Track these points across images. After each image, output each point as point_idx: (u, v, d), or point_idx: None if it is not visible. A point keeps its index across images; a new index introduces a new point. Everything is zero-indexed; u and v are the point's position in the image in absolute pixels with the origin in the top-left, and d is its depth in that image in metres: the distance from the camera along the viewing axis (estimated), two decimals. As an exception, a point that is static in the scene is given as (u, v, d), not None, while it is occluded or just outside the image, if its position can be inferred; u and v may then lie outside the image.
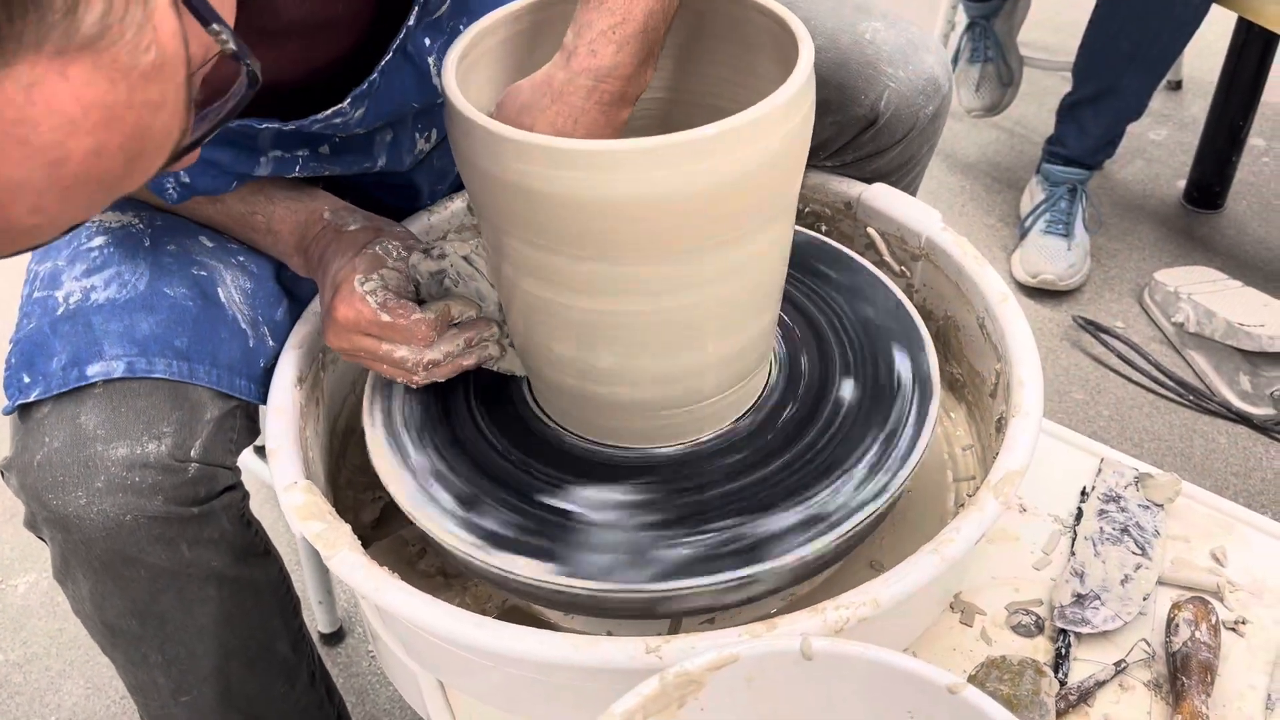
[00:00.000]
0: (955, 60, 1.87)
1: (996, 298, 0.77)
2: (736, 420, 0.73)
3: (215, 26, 0.41)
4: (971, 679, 0.65)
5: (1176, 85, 2.10)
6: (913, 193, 0.99)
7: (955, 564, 0.61)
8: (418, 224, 0.87)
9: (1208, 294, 1.50)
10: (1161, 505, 0.77)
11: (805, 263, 0.83)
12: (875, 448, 0.69)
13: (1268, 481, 1.36)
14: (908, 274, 0.87)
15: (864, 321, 0.78)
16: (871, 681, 0.51)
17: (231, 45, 0.42)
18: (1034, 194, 1.70)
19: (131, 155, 0.40)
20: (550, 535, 0.65)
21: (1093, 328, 1.55)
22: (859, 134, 0.87)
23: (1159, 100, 2.07)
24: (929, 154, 0.95)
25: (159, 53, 0.39)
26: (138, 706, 0.83)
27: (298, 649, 0.85)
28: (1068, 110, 1.62)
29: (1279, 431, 1.40)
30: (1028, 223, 1.67)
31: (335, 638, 1.23)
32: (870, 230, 0.88)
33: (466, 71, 0.64)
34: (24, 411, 0.68)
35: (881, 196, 0.87)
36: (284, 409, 0.73)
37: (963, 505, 0.65)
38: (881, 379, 0.73)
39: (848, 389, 0.73)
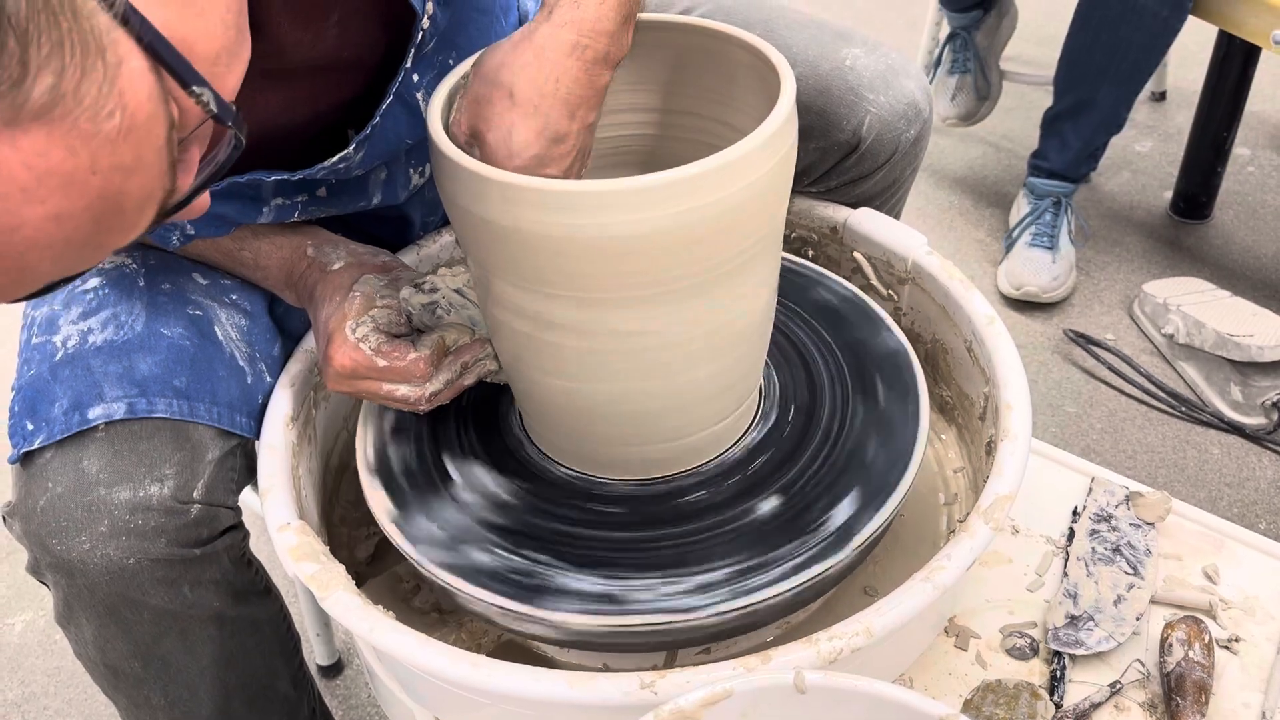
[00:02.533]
0: (936, 68, 1.89)
1: (983, 320, 0.77)
2: (725, 451, 0.73)
3: (196, 89, 0.41)
4: (967, 704, 0.65)
5: (1161, 96, 2.11)
6: (897, 214, 1.00)
7: (947, 591, 0.61)
8: (409, 257, 0.88)
9: (1196, 305, 1.51)
10: (1152, 524, 0.77)
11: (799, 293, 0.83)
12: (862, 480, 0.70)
13: (1261, 491, 1.36)
14: (895, 298, 0.88)
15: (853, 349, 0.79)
16: (866, 713, 0.51)
17: (213, 107, 0.42)
18: (1020, 208, 1.71)
19: (101, 217, 0.40)
20: (536, 570, 0.66)
21: (1083, 340, 1.56)
22: (842, 160, 0.88)
23: (1143, 111, 2.09)
24: (912, 176, 0.95)
25: (126, 117, 0.38)
26: None
27: (298, 686, 0.85)
28: (1049, 124, 1.63)
29: (1271, 441, 1.41)
30: (1013, 236, 1.68)
31: (334, 670, 1.22)
32: (857, 254, 0.89)
33: (451, 111, 0.64)
34: (27, 458, 0.68)
35: (867, 221, 0.88)
36: (276, 447, 0.73)
37: (954, 530, 0.66)
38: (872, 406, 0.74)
39: (832, 420, 0.74)
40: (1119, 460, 1.42)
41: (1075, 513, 0.79)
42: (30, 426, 0.68)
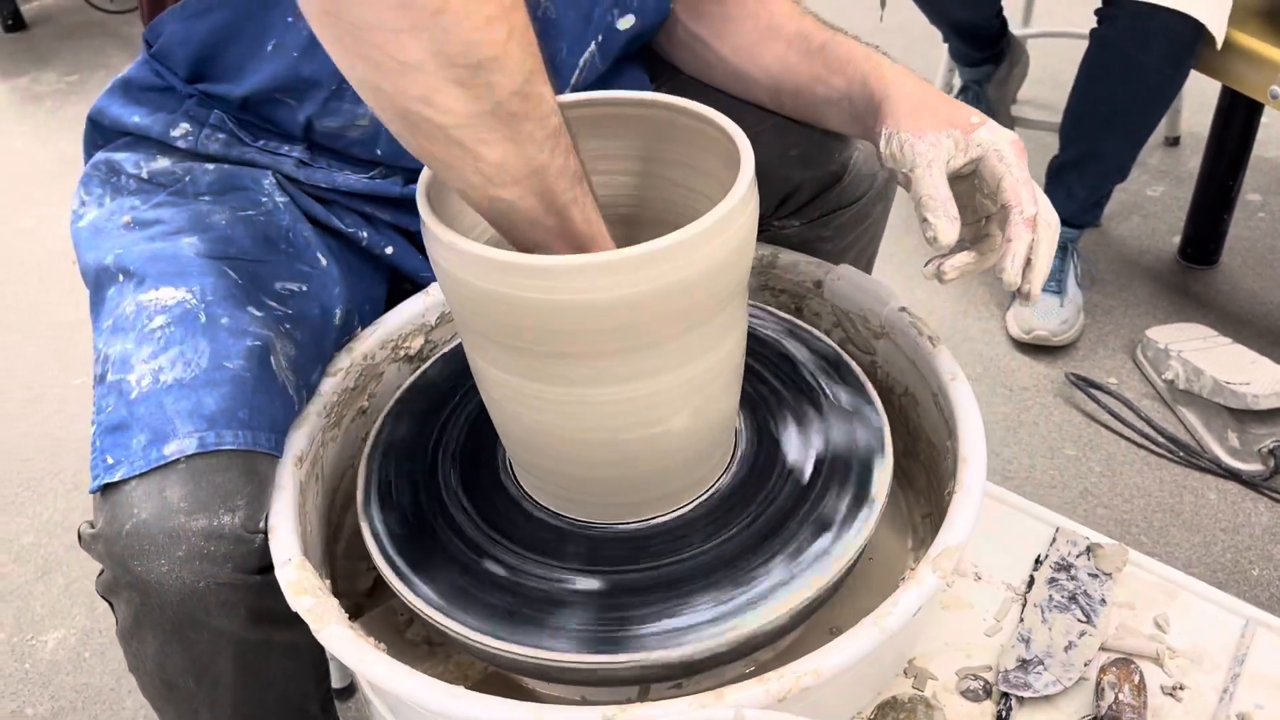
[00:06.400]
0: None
1: (947, 376, 0.81)
2: (698, 498, 0.78)
3: None
4: None
5: (1174, 141, 2.14)
6: (873, 249, 1.11)
7: (894, 635, 0.66)
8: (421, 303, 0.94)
9: (1197, 351, 1.53)
10: (1110, 574, 0.81)
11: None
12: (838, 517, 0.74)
13: (1255, 537, 1.38)
14: (870, 351, 0.92)
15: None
16: (800, 750, 0.55)
17: None
18: (1028, 253, 1.75)
19: None
20: (515, 609, 0.71)
21: (1084, 384, 1.59)
22: (826, 189, 0.96)
23: (1156, 156, 2.11)
24: (884, 214, 1.06)
25: None
26: None
27: (326, 708, 0.91)
28: (1055, 173, 1.67)
29: (1268, 487, 1.43)
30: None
31: (346, 693, 1.28)
32: (835, 309, 0.94)
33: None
34: (109, 488, 0.74)
35: (846, 277, 0.93)
36: (284, 487, 0.78)
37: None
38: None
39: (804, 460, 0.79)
40: (1115, 503, 1.45)
41: (1038, 561, 0.83)
42: (111, 460, 0.74)
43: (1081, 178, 1.63)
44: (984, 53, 1.80)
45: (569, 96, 0.77)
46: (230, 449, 0.74)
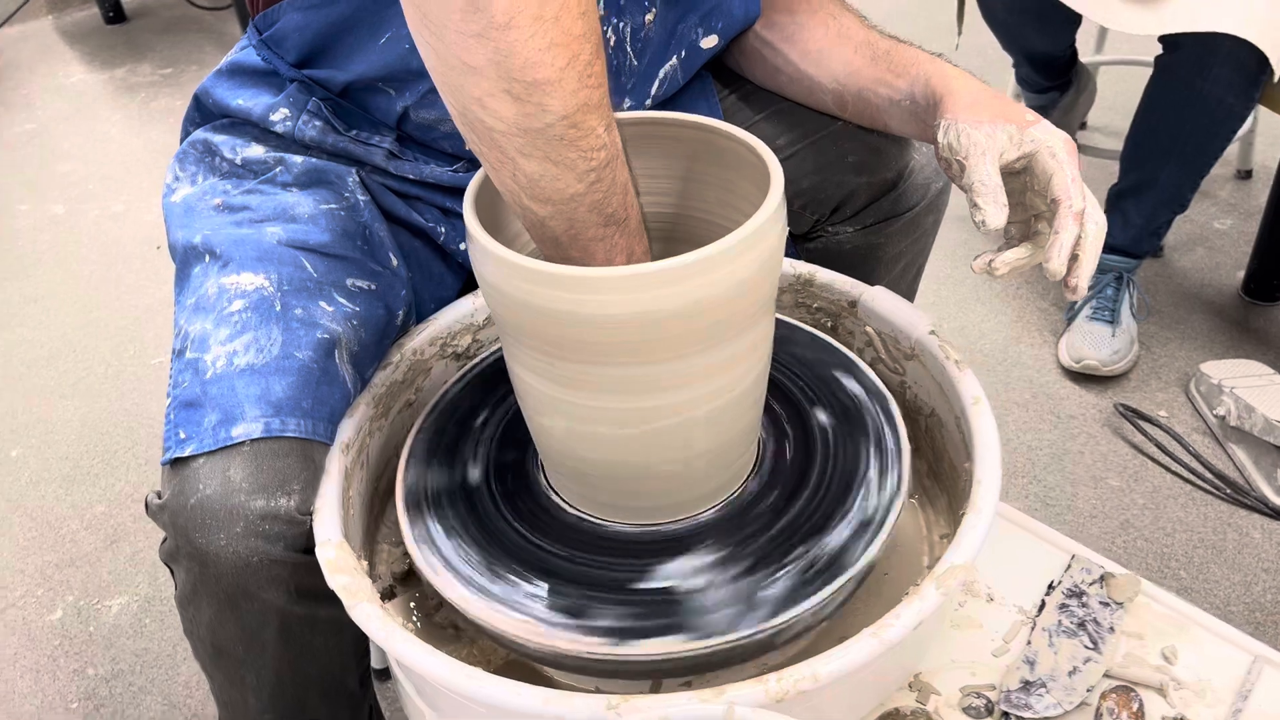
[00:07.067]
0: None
1: (969, 400, 0.83)
2: (716, 504, 0.81)
3: None
4: None
5: (1246, 174, 2.11)
6: (922, 261, 1.12)
7: (894, 647, 0.68)
8: (470, 303, 0.98)
9: (1250, 388, 1.52)
10: (1121, 604, 0.82)
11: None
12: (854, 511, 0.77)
13: (1298, 578, 1.37)
14: (900, 372, 0.94)
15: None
16: (786, 747, 0.58)
17: None
18: (1084, 280, 1.74)
19: None
20: (536, 601, 0.75)
21: (1132, 415, 1.58)
22: (881, 196, 1.01)
23: (1226, 188, 2.09)
24: (934, 226, 1.09)
25: None
26: (222, 717, 0.94)
27: (364, 684, 0.96)
28: (1113, 200, 1.67)
29: (1315, 529, 1.41)
30: (1075, 308, 1.71)
31: (385, 674, 1.33)
32: (869, 329, 0.96)
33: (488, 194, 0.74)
34: (178, 462, 0.79)
35: (880, 299, 0.95)
36: (331, 473, 0.83)
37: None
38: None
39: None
40: (1157, 536, 1.44)
41: (1050, 587, 0.85)
42: (183, 435, 0.79)
43: (1139, 206, 1.62)
44: (1052, 81, 1.80)
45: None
46: (292, 436, 0.79)
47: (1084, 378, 1.69)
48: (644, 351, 0.69)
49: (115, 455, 1.76)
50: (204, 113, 1.02)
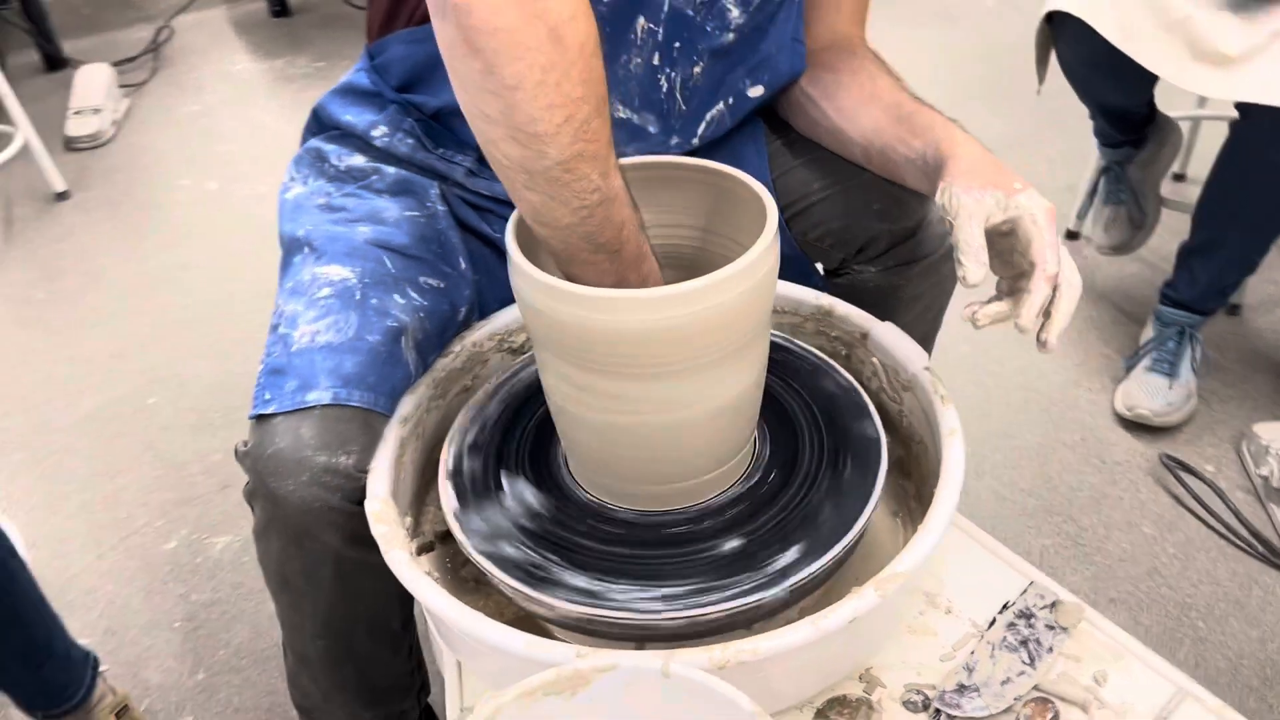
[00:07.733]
0: (1091, 197, 1.97)
1: (947, 431, 0.93)
2: (710, 498, 0.93)
3: None
4: (819, 713, 0.82)
5: (1339, 239, 2.09)
6: (943, 303, 1.21)
7: (828, 634, 0.78)
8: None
9: (1296, 452, 1.54)
10: (1066, 628, 0.91)
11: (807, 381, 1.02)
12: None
13: (1316, 641, 1.40)
14: (898, 401, 1.04)
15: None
16: (710, 702, 0.70)
17: None
18: (1148, 331, 1.78)
19: None
20: (546, 565, 0.88)
21: (1176, 465, 1.62)
22: (902, 242, 1.11)
23: (1319, 251, 2.07)
24: (952, 274, 1.16)
25: None
26: (285, 637, 1.10)
27: (406, 626, 1.11)
28: (1183, 257, 1.70)
29: (1341, 595, 1.43)
30: (1136, 357, 1.75)
31: (439, 628, 1.49)
32: (875, 360, 1.06)
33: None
34: (261, 418, 0.94)
35: (886, 334, 1.05)
36: (388, 440, 0.98)
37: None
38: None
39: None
40: (1181, 586, 1.48)
41: (1005, 606, 0.93)
42: (268, 396, 0.94)
43: (1206, 265, 1.65)
44: (1125, 136, 1.83)
45: (647, 158, 0.93)
46: (356, 405, 0.94)
47: (1136, 426, 1.72)
48: (644, 360, 0.82)
49: (235, 411, 1.97)
50: (320, 124, 1.19)
